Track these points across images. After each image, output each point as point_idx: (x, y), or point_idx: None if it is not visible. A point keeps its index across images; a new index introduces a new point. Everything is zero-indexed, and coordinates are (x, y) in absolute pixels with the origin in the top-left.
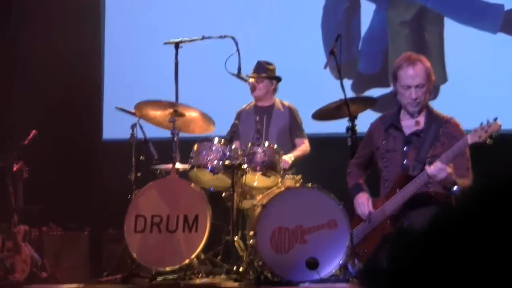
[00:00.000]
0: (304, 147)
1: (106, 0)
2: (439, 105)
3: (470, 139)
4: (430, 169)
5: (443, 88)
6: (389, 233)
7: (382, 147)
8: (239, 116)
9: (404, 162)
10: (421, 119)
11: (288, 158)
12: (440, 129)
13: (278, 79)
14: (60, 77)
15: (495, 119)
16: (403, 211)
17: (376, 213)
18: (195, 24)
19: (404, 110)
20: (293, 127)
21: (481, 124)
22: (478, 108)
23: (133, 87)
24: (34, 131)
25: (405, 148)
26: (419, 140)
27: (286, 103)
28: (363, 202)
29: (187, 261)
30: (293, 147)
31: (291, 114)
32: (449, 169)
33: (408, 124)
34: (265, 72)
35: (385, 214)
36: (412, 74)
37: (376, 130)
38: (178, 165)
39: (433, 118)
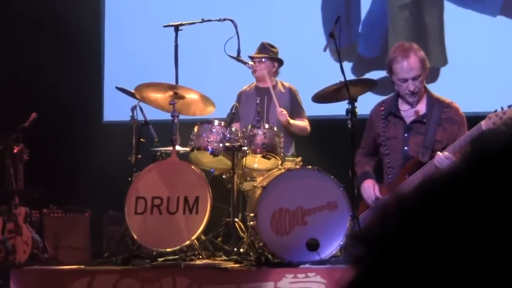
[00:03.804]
0: (304, 123)
1: None
2: (439, 88)
3: (484, 126)
4: (436, 158)
5: (443, 70)
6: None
7: (383, 134)
8: (239, 97)
9: (405, 149)
10: (422, 105)
11: (289, 118)
12: (442, 114)
13: (280, 62)
14: (61, 59)
15: (510, 106)
16: None
17: (384, 199)
18: (194, 7)
19: (402, 99)
20: (293, 108)
21: (495, 110)
22: (478, 91)
23: (133, 70)
24: (34, 114)
25: (405, 135)
26: (423, 126)
27: (287, 84)
28: (369, 186)
29: (187, 242)
30: None
31: (292, 95)
32: (455, 158)
33: (409, 111)
34: (268, 53)
35: None
36: (407, 67)
37: (376, 117)
38: (178, 147)
39: (434, 102)
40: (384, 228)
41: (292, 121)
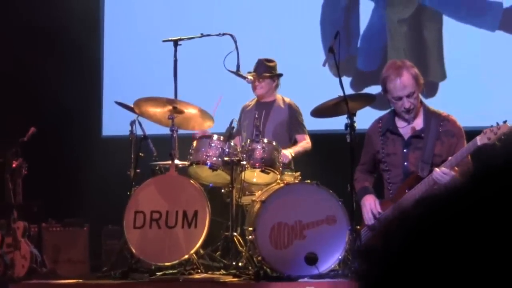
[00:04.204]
0: (305, 143)
1: None
2: (438, 102)
3: (480, 141)
4: (434, 174)
5: (442, 85)
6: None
7: (382, 151)
8: (242, 112)
9: (405, 164)
10: (419, 120)
11: (288, 153)
12: (439, 127)
13: (279, 76)
14: (60, 73)
15: (505, 122)
16: None
17: (385, 213)
18: (194, 22)
19: (399, 116)
20: (293, 124)
21: (491, 126)
22: (477, 105)
23: (132, 84)
24: (33, 128)
25: (404, 150)
26: (421, 141)
27: (288, 99)
28: (369, 203)
29: (186, 256)
30: (290, 143)
31: (291, 111)
32: (453, 173)
33: (406, 127)
34: (266, 70)
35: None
36: (401, 86)
37: (373, 134)
38: (177, 162)
39: (431, 116)
40: (386, 244)
41: (293, 153)
